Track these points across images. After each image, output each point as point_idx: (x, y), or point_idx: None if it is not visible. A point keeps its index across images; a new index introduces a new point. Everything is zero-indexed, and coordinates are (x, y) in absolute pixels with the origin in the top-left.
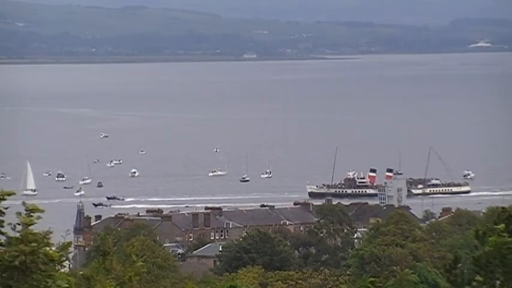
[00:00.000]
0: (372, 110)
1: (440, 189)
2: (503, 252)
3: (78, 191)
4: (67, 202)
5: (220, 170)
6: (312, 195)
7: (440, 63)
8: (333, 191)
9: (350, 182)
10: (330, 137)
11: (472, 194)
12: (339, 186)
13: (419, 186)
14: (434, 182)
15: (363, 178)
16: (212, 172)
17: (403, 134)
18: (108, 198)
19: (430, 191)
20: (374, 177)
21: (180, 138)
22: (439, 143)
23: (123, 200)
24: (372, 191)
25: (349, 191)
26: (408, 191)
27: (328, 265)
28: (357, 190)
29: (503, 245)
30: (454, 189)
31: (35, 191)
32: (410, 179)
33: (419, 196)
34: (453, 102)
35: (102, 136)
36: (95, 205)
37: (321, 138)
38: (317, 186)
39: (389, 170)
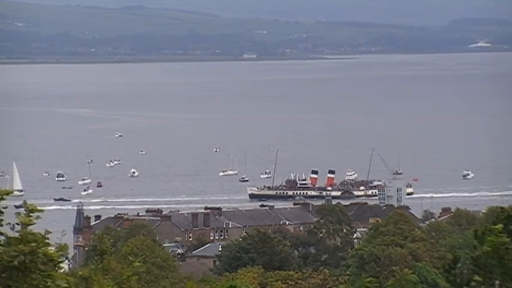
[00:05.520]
0: (372, 110)
1: None
2: (501, 252)
3: (85, 190)
4: (66, 202)
5: (231, 170)
6: (252, 196)
7: (440, 63)
8: (273, 192)
9: (291, 184)
10: (328, 137)
11: (414, 196)
12: (280, 188)
13: (361, 188)
14: (376, 183)
15: (304, 180)
16: (223, 172)
17: (403, 134)
18: (56, 200)
19: (372, 192)
20: (315, 178)
21: (180, 138)
22: (439, 143)
23: (69, 200)
24: (313, 193)
25: (290, 192)
26: (350, 192)
27: (328, 265)
28: (298, 192)
29: (501, 245)
30: None
31: (21, 191)
32: (353, 180)
33: (362, 198)
34: (453, 102)
35: (117, 136)
36: (16, 207)
37: (319, 138)
38: (258, 188)
39: (331, 172)
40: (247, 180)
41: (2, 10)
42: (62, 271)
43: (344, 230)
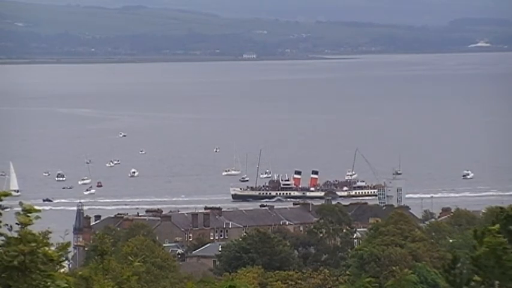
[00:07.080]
0: (372, 110)
1: (366, 191)
2: (499, 253)
3: (88, 190)
4: (65, 202)
5: (235, 170)
6: (235, 197)
7: (440, 63)
8: (256, 193)
9: (274, 184)
10: (328, 138)
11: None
12: (263, 188)
13: (345, 188)
14: (359, 184)
15: (288, 180)
16: (226, 171)
17: (403, 134)
18: (44, 201)
19: (356, 193)
20: (299, 179)
21: (180, 138)
22: (439, 143)
23: (51, 201)
24: (296, 193)
25: (273, 193)
26: (333, 193)
27: (328, 265)
28: (281, 192)
29: (499, 246)
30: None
31: (18, 191)
32: (336, 181)
33: (346, 198)
34: (453, 102)
35: (121, 136)
36: None
37: (318, 138)
38: (241, 189)
39: (315, 172)
40: (247, 180)
41: (2, 10)
42: (62, 271)
43: (344, 230)
